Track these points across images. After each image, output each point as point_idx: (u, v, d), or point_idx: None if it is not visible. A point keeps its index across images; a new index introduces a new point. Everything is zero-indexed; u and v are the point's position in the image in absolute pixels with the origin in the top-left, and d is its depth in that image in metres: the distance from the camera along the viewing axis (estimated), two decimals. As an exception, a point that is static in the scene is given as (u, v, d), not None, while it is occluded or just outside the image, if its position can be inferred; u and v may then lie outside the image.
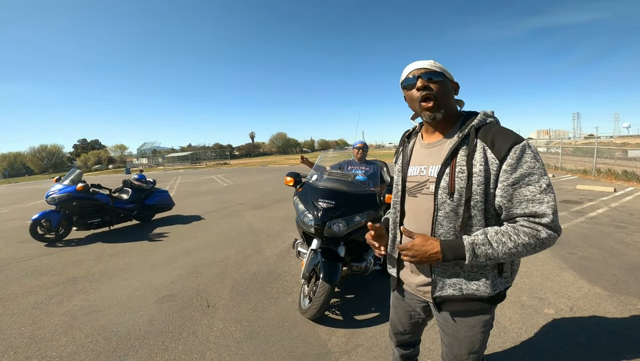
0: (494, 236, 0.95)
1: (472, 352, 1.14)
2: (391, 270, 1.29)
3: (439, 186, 1.03)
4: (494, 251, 0.94)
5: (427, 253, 0.99)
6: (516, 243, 0.92)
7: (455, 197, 1.00)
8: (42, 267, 4.00)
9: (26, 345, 2.34)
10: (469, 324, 1.11)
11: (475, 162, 0.97)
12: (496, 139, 0.97)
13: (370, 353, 2.10)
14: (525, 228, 0.93)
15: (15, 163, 62.75)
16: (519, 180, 0.93)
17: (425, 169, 1.10)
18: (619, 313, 2.42)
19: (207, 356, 2.13)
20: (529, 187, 0.93)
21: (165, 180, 17.56)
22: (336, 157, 4.28)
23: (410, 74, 1.08)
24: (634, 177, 8.82)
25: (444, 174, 1.03)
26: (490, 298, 1.06)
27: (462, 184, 0.98)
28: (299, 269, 3.50)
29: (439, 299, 1.11)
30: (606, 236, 4.26)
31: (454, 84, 1.12)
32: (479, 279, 1.04)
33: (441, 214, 1.04)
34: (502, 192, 0.95)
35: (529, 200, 0.92)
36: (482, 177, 0.96)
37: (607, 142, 28.51)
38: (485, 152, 0.97)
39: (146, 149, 59.05)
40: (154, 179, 6.88)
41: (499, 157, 0.95)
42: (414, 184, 1.14)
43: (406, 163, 1.19)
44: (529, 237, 0.92)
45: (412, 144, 1.23)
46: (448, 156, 1.02)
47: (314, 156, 6.28)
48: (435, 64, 1.07)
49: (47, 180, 28.59)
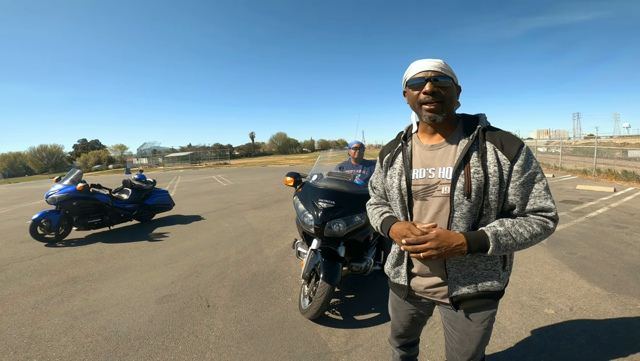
0: (511, 227, 1.00)
1: (480, 346, 1.18)
2: (398, 279, 1.24)
3: (455, 188, 1.03)
4: (514, 242, 0.99)
5: (453, 244, 0.98)
6: (531, 233, 1.00)
7: (473, 197, 1.02)
8: (42, 267, 4.00)
9: (26, 345, 2.34)
10: (479, 319, 1.14)
11: (489, 164, 1.01)
12: (504, 141, 1.03)
13: (370, 353, 2.10)
14: (538, 220, 1.01)
15: (15, 163, 62.81)
16: (528, 179, 1.01)
17: (433, 172, 1.08)
18: (619, 313, 2.42)
19: (207, 356, 2.13)
20: (536, 185, 1.02)
21: (165, 180, 17.57)
22: (336, 157, 4.28)
23: (419, 74, 1.06)
24: (634, 178, 8.81)
25: (459, 175, 1.03)
26: (501, 291, 1.12)
27: (479, 185, 1.01)
28: (299, 269, 3.50)
29: (456, 298, 1.11)
30: (606, 236, 4.26)
31: (458, 88, 1.12)
32: (492, 275, 1.09)
33: (457, 215, 1.04)
34: (514, 190, 1.02)
35: (536, 196, 1.01)
36: (497, 177, 1.01)
37: (607, 142, 28.50)
38: (496, 153, 1.02)
39: (146, 149, 59.11)
40: (154, 179, 6.87)
41: (509, 158, 1.01)
42: (421, 187, 1.11)
43: (408, 166, 1.15)
44: (541, 228, 1.01)
45: (410, 147, 1.19)
46: (462, 158, 1.03)
47: (314, 156, 6.26)
48: (446, 66, 1.06)
49: (47, 180, 28.61)
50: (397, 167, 1.19)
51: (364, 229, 2.62)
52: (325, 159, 4.14)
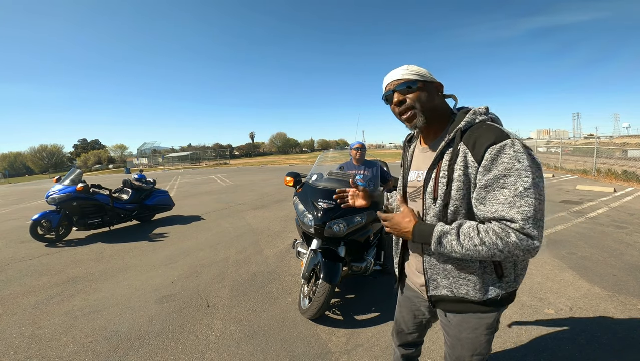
0: (465, 229, 0.91)
1: (475, 354, 1.12)
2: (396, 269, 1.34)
3: (425, 191, 1.05)
4: (459, 244, 0.90)
5: (400, 229, 1.05)
6: (482, 240, 0.86)
7: (438, 202, 1.00)
8: (42, 267, 4.00)
9: (26, 345, 2.34)
10: (470, 326, 1.08)
11: (456, 168, 0.95)
12: (477, 141, 0.92)
13: (370, 353, 2.10)
14: (496, 228, 0.86)
15: (15, 163, 62.80)
16: (492, 182, 0.88)
17: (421, 174, 1.11)
18: (619, 313, 2.42)
19: (207, 356, 2.13)
20: (503, 190, 0.86)
21: (165, 180, 17.56)
22: (336, 157, 4.28)
23: (386, 87, 1.08)
24: (634, 178, 8.82)
25: (430, 179, 1.04)
26: (482, 302, 1.02)
27: (444, 190, 0.98)
28: (299, 269, 3.50)
29: (434, 298, 1.12)
30: (606, 236, 4.26)
31: (437, 85, 1.07)
32: (467, 283, 1.02)
33: (428, 219, 1.06)
34: (476, 194, 0.92)
35: (501, 203, 0.86)
36: (462, 182, 0.94)
37: (607, 142, 28.51)
38: (466, 156, 0.94)
39: (146, 149, 59.12)
40: (154, 179, 6.87)
41: (477, 159, 0.91)
42: (412, 189, 1.15)
43: (407, 168, 1.20)
44: (496, 237, 0.85)
45: (412, 149, 1.23)
46: (433, 162, 1.03)
47: (314, 156, 6.26)
48: (409, 70, 1.04)
49: (47, 180, 28.61)
50: (402, 169, 1.26)
51: (364, 229, 2.62)
52: (326, 159, 4.14)
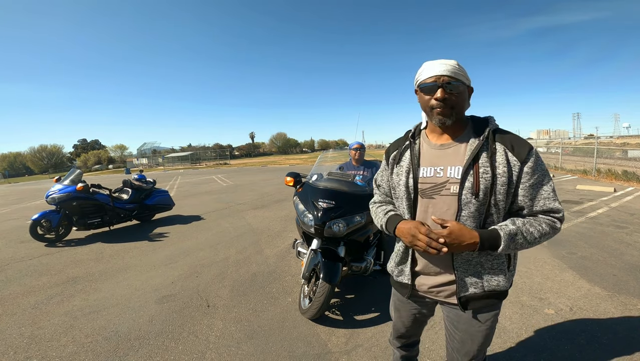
0: (522, 227, 1.02)
1: (483, 346, 1.17)
2: (402, 277, 1.24)
3: (464, 187, 1.04)
4: (524, 241, 1.02)
5: (465, 241, 0.99)
6: (540, 233, 1.02)
7: (480, 197, 1.03)
8: (42, 267, 4.00)
9: (26, 345, 2.34)
10: (482, 318, 1.14)
11: (498, 164, 1.03)
12: (514, 143, 1.04)
13: (370, 353, 2.10)
14: (547, 220, 1.04)
15: (15, 163, 62.80)
16: (538, 181, 1.04)
17: (442, 170, 1.09)
18: (619, 313, 2.42)
19: (207, 356, 2.13)
20: (544, 187, 1.04)
21: (165, 180, 17.56)
22: (336, 157, 4.28)
23: (431, 78, 1.04)
24: (634, 178, 8.81)
25: (468, 175, 1.04)
26: (506, 292, 1.13)
27: (486, 185, 1.02)
28: (299, 269, 3.50)
29: (464, 298, 1.11)
30: (606, 236, 4.26)
31: (469, 89, 1.11)
32: (499, 274, 1.10)
33: (465, 213, 1.05)
34: (524, 191, 1.04)
35: (545, 198, 1.04)
36: (506, 178, 1.02)
37: (607, 142, 28.50)
38: (506, 154, 1.03)
39: (146, 149, 59.13)
40: (154, 179, 6.87)
41: (520, 159, 1.02)
42: (428, 185, 1.11)
43: (416, 165, 1.15)
44: (549, 227, 1.04)
45: (418, 145, 1.19)
46: (472, 157, 1.04)
47: (314, 156, 6.27)
48: (460, 69, 1.05)
49: (47, 180, 28.61)
50: (404, 165, 1.19)
51: (364, 229, 2.62)
52: (325, 159, 4.14)
